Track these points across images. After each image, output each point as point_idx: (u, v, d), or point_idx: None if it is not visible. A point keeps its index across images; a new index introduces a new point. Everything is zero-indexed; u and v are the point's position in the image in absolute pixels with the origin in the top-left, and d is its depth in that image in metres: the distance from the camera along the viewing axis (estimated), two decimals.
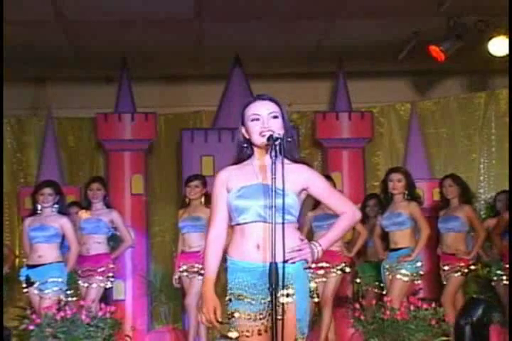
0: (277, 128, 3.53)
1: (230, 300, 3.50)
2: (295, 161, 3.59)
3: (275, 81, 9.62)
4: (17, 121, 9.95)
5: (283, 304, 3.36)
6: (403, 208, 7.03)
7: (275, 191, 3.34)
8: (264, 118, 3.54)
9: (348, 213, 3.59)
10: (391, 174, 7.13)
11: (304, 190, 3.56)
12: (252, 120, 3.56)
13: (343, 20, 8.06)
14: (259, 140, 3.53)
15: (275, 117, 3.56)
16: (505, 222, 7.65)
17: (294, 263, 3.44)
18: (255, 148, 3.61)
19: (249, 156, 3.62)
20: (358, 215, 3.64)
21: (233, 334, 3.47)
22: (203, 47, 8.90)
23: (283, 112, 3.60)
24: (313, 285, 3.55)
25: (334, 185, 7.69)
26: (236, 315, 3.46)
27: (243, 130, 3.61)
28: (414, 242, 7.02)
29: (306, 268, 3.51)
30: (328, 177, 7.75)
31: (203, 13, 7.83)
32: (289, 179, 3.40)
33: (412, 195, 7.08)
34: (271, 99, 3.61)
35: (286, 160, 3.49)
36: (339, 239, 3.64)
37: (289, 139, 3.56)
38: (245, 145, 3.61)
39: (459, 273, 7.43)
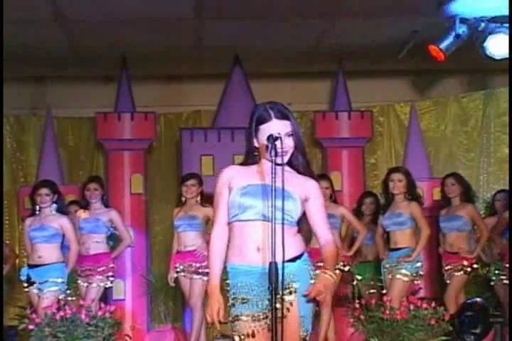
0: (291, 146, 3.52)
1: (234, 304, 3.50)
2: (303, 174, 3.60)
3: (275, 80, 9.63)
4: (16, 120, 9.95)
5: (283, 302, 3.37)
6: (404, 208, 7.03)
7: (275, 189, 3.35)
8: (280, 139, 3.49)
9: (329, 243, 3.57)
10: (392, 174, 7.13)
11: (306, 199, 3.55)
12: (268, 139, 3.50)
13: (342, 20, 8.06)
14: (269, 156, 3.47)
15: (290, 135, 3.53)
16: (505, 221, 7.65)
17: (294, 260, 3.46)
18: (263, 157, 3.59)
19: (257, 162, 3.61)
20: (333, 243, 3.60)
21: (237, 338, 3.48)
22: (203, 47, 8.90)
23: (296, 128, 3.56)
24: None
25: (332, 185, 7.68)
26: (242, 318, 3.48)
27: (255, 141, 3.57)
28: (414, 242, 7.02)
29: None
30: (327, 177, 7.77)
31: (203, 13, 7.83)
32: (294, 184, 3.45)
33: (412, 195, 7.08)
34: (286, 118, 3.54)
35: (296, 173, 3.54)
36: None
37: (300, 156, 3.55)
38: (256, 153, 3.58)
39: (462, 272, 7.42)
